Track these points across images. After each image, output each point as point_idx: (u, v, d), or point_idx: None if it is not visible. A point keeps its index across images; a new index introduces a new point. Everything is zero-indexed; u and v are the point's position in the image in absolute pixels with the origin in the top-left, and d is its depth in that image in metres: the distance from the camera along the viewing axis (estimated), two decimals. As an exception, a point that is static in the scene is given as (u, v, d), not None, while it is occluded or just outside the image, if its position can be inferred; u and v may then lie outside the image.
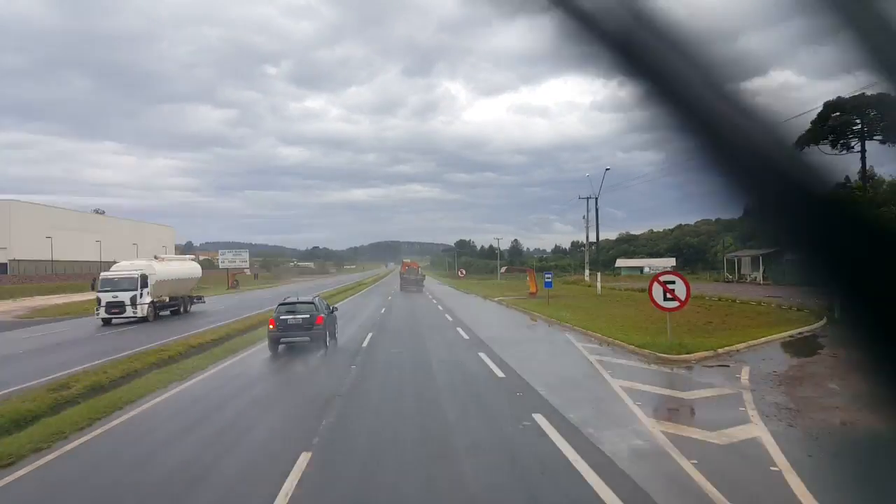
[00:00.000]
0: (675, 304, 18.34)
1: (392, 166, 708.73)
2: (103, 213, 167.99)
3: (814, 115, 35.00)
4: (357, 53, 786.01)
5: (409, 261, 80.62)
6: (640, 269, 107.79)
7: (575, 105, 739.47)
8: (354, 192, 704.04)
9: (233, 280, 71.04)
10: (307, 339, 20.17)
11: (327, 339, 21.00)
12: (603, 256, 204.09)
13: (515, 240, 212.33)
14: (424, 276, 79.42)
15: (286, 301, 21.11)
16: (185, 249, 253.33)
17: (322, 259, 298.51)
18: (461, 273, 73.13)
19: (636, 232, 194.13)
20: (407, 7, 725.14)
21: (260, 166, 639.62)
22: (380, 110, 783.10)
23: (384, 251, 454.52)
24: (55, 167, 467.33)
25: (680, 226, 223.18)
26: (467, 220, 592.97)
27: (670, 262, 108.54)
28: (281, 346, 20.30)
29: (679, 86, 0.97)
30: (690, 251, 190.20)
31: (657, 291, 18.37)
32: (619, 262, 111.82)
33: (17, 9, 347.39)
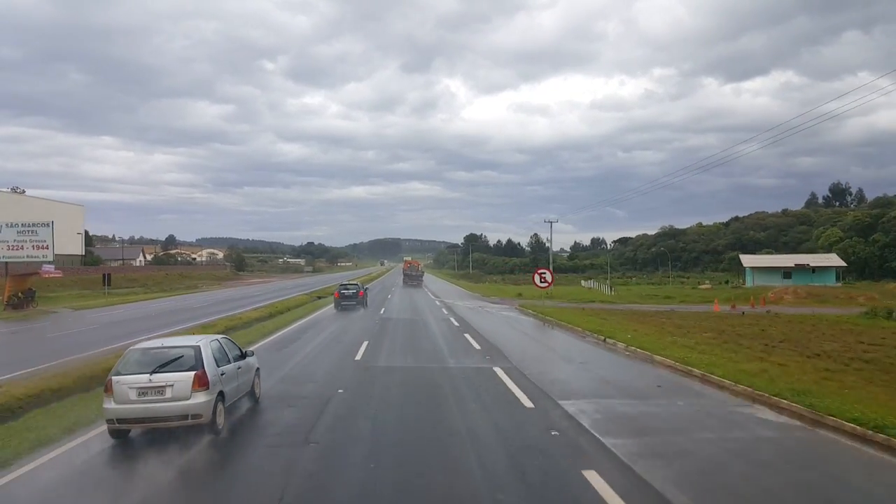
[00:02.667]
0: None
1: (392, 164, 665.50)
2: (22, 191, 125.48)
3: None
4: (355, 49, 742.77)
5: (410, 259, 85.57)
6: (787, 271, 65.98)
7: (575, 104, 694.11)
8: (354, 190, 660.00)
9: (13, 287, 30.47)
10: (354, 303, 34.30)
11: (365, 304, 35.38)
12: (643, 254, 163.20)
13: (535, 234, 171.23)
14: (424, 272, 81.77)
15: (342, 283, 37.84)
16: (166, 244, 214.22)
17: (312, 256, 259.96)
18: (543, 279, 27.46)
19: (631, 232, 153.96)
20: (405, 2, 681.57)
21: (259, 163, 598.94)
22: (379, 107, 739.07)
23: (384, 248, 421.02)
24: (53, 162, 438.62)
25: (737, 218, 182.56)
26: (468, 219, 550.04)
27: (829, 257, 66.84)
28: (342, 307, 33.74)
29: None
30: (755, 245, 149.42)
31: None
32: (748, 261, 69.86)
33: (12, 1, 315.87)
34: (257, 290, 59.79)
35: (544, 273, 28.75)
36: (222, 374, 9.10)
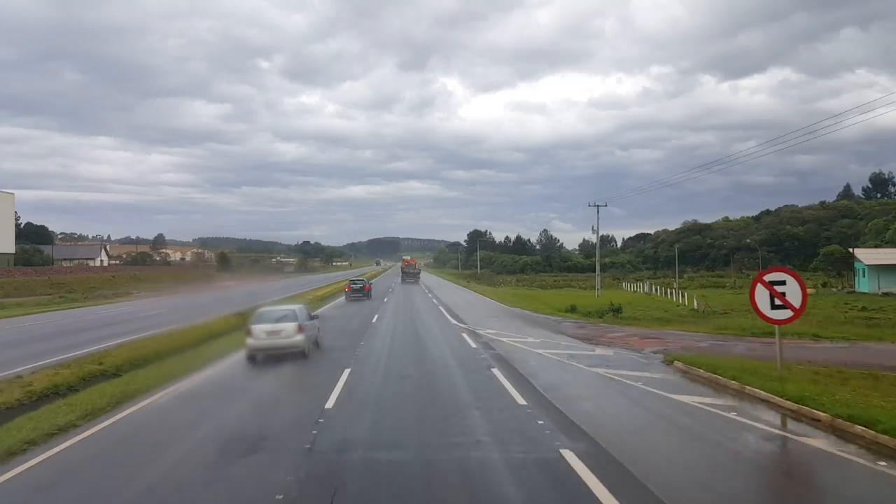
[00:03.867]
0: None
1: (390, 163, 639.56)
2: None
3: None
4: (351, 47, 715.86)
5: (408, 258, 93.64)
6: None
7: (572, 102, 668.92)
8: (352, 189, 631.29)
9: None
10: (362, 295, 41.18)
11: (370, 295, 42.60)
12: (665, 252, 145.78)
13: (545, 230, 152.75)
14: (420, 270, 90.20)
15: (352, 279, 46.17)
16: (155, 244, 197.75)
17: (307, 255, 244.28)
18: (782, 299, 10.36)
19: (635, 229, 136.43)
20: None
21: (257, 162, 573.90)
22: (376, 106, 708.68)
23: (382, 247, 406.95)
24: (50, 162, 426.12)
25: (768, 211, 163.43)
26: (467, 218, 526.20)
27: None
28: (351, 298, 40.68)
29: None
30: (795, 244, 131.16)
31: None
32: (869, 257, 50.58)
33: (4, 1, 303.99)
34: (190, 301, 41.36)
35: (784, 283, 10.30)
36: (310, 319, 16.62)
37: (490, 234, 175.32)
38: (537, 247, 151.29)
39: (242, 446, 7.80)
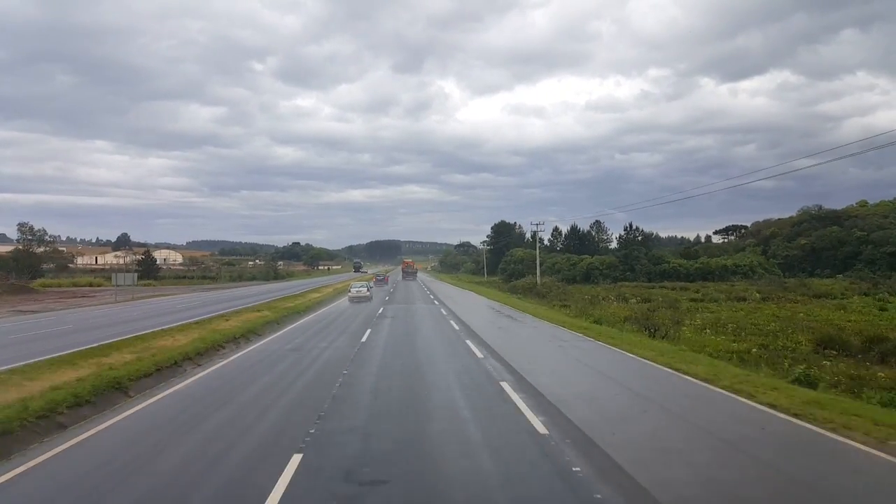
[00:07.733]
0: None
1: (388, 167, 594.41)
2: None
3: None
4: (345, 49, 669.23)
5: (408, 260, 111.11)
6: None
7: (570, 105, 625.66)
8: (352, 193, 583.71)
9: None
10: (385, 284, 70.37)
11: (388, 284, 71.92)
12: (783, 251, 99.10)
13: (597, 221, 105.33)
14: (417, 270, 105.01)
15: (378, 273, 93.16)
16: (117, 244, 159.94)
17: (292, 258, 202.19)
18: None
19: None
20: (394, 0, 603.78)
21: (255, 166, 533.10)
22: (372, 109, 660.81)
23: (382, 250, 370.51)
24: (47, 166, 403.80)
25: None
26: (467, 222, 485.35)
27: None
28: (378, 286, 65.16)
29: None
30: None
31: None
32: None
33: None
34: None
35: None
36: (370, 288, 47.69)
37: (520, 227, 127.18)
38: (609, 245, 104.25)
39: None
